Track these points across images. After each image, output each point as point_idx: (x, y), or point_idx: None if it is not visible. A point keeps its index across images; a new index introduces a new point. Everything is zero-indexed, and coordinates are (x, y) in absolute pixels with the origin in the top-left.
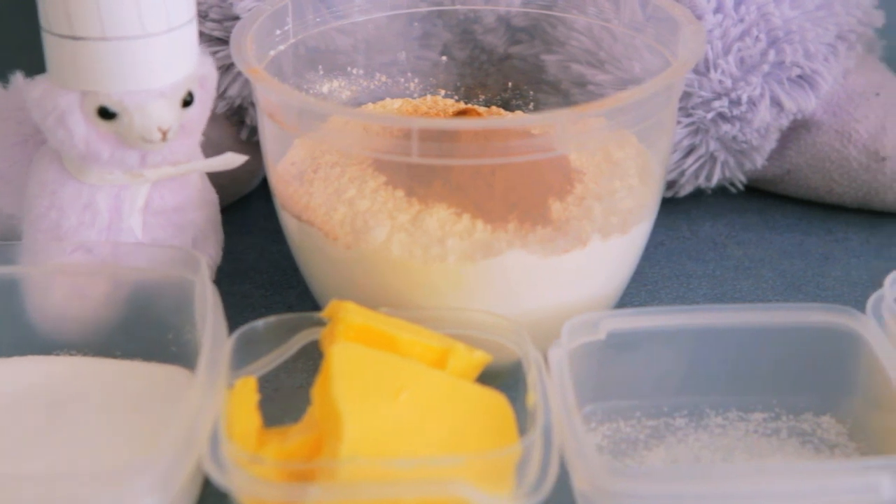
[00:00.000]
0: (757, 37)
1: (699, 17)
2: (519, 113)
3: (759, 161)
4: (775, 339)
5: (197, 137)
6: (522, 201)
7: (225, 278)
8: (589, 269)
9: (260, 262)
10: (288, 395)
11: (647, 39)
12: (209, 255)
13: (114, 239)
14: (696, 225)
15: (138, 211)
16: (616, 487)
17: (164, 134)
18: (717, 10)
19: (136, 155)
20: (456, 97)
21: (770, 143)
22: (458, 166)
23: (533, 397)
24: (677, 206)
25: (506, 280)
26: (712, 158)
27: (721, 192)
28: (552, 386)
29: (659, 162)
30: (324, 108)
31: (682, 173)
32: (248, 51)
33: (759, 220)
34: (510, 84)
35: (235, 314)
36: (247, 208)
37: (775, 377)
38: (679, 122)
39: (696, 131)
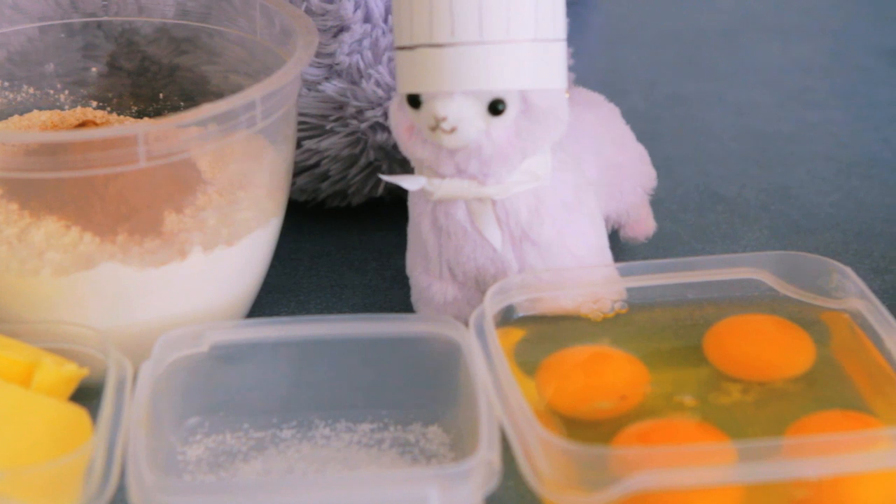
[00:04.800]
0: None
1: (347, 28)
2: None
3: None
4: (385, 350)
5: None
6: (135, 213)
7: None
8: (192, 282)
9: None
10: None
11: (285, 52)
12: None
13: None
14: (368, 234)
15: None
16: (159, 501)
17: None
18: (366, 19)
19: None
20: (108, 108)
21: None
22: (70, 178)
23: (106, 410)
24: (351, 216)
25: (103, 293)
26: (376, 168)
27: (399, 200)
28: (134, 399)
29: (276, 171)
30: None
31: (348, 184)
32: None
33: None
34: (162, 95)
35: None
36: None
37: (385, 388)
38: (337, 133)
39: (357, 141)
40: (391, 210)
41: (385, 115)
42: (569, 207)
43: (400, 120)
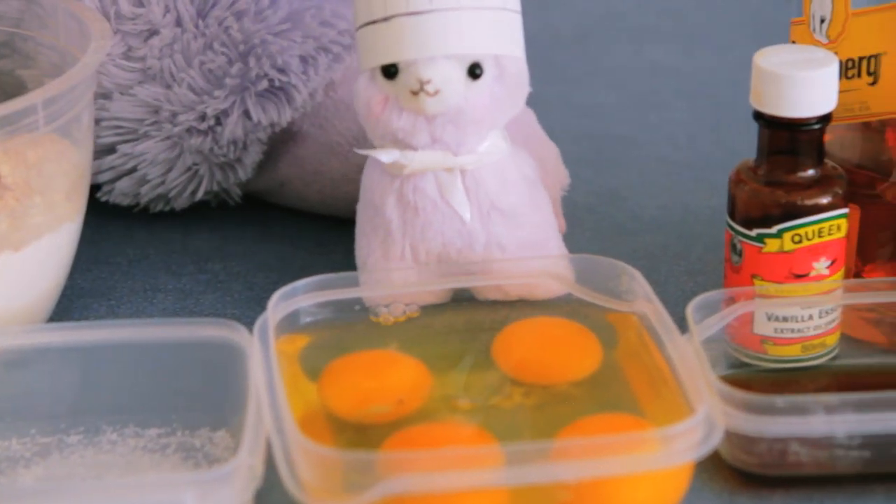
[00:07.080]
0: (221, 51)
1: (157, 32)
2: None
3: (244, 174)
4: (171, 355)
5: None
6: None
7: None
8: None
9: None
10: None
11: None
12: None
13: None
14: (191, 238)
15: None
16: None
17: None
18: (177, 23)
19: None
20: None
21: (253, 156)
22: None
23: None
24: (175, 220)
25: None
26: (195, 172)
27: (224, 204)
28: None
29: (75, 174)
30: None
31: (168, 188)
32: None
33: (256, 232)
34: None
35: None
36: None
37: (174, 393)
38: (153, 137)
39: (173, 146)
40: (216, 214)
41: (200, 118)
42: (529, 181)
43: (372, 94)
